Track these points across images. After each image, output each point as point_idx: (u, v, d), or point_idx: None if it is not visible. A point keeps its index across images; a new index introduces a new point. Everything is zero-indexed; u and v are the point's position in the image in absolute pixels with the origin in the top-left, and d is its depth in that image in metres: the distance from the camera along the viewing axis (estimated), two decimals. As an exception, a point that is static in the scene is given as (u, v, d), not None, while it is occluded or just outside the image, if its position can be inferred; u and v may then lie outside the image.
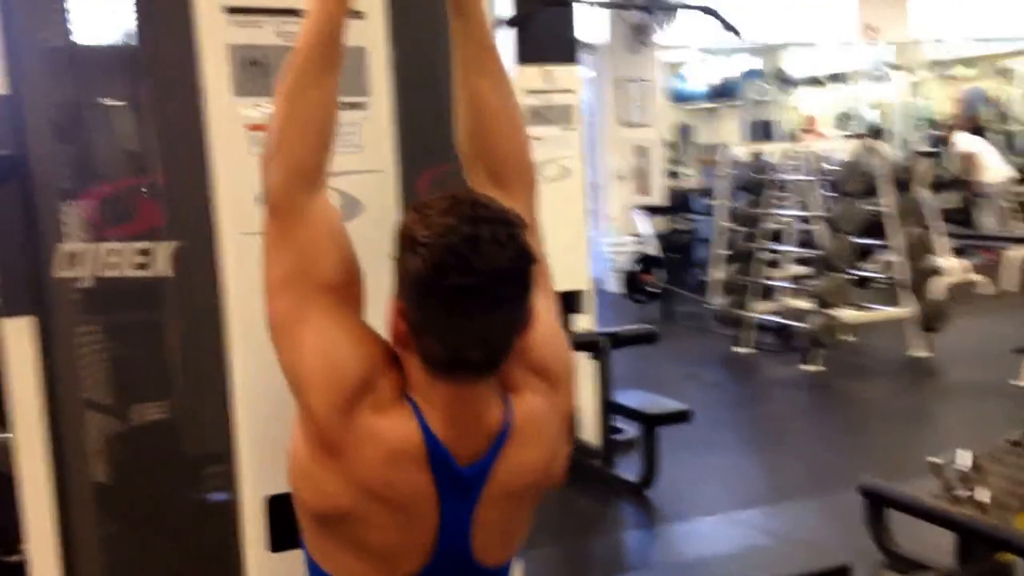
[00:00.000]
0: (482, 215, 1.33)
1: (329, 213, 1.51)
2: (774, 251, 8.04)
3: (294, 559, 1.65)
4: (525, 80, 4.92)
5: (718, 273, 8.31)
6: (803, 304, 7.52)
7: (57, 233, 2.17)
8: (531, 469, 1.46)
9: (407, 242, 1.35)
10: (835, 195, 7.22)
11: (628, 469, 5.03)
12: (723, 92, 13.76)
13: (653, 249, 9.17)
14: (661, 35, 10.30)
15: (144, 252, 2.15)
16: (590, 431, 5.18)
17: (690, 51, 13.09)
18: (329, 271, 1.44)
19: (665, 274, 8.89)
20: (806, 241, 7.74)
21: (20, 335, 2.21)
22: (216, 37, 1.91)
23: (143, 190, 2.19)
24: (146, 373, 2.27)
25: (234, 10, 1.91)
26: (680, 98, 14.03)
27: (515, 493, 1.46)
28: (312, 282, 1.42)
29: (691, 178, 12.18)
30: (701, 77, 14.20)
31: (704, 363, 7.54)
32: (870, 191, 7.08)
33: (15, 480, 2.21)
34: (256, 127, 1.96)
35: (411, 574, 1.43)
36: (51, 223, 2.19)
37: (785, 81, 13.58)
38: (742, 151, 8.54)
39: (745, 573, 3.08)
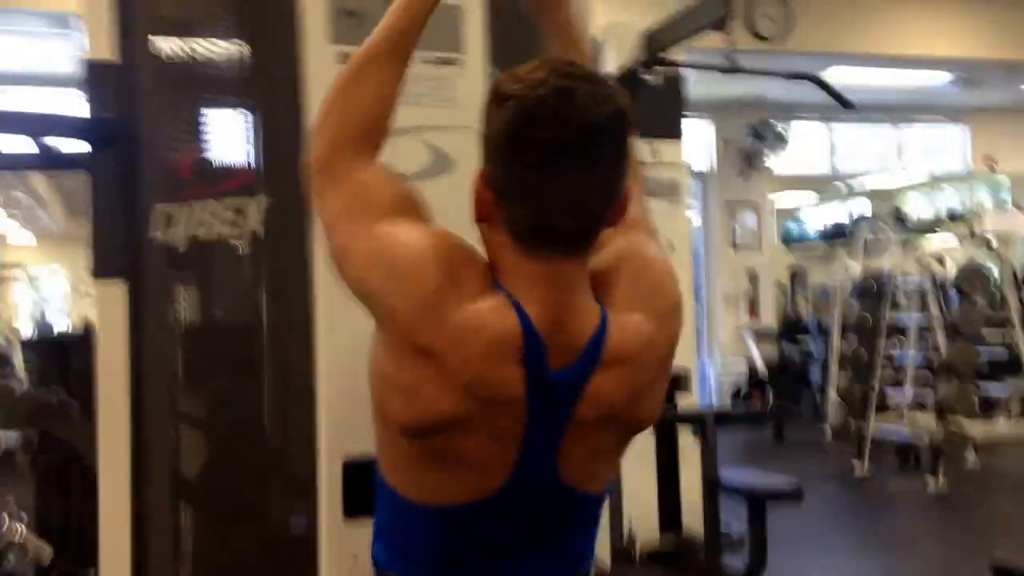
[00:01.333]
0: (579, 73, 1.25)
1: (386, 167, 1.41)
2: (893, 361, 7.76)
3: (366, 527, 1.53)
4: (631, 154, 4.92)
5: (835, 388, 8.04)
6: (925, 416, 7.18)
7: (155, 195, 2.20)
8: (625, 396, 1.31)
9: (495, 97, 1.26)
10: (955, 298, 7.01)
11: (736, 563, 4.73)
12: (837, 234, 13.60)
13: (763, 371, 8.94)
14: (772, 160, 10.35)
15: (237, 210, 2.15)
16: (693, 517, 4.91)
17: (804, 194, 13.11)
18: (389, 199, 1.34)
19: (774, 396, 8.64)
20: (927, 350, 7.48)
21: (112, 298, 2.22)
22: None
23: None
24: (232, 338, 2.24)
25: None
26: (794, 241, 13.93)
27: (605, 420, 1.32)
28: (372, 209, 1.32)
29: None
30: (815, 220, 14.13)
31: (820, 479, 7.16)
32: (991, 293, 6.84)
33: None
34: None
35: (492, 493, 1.30)
36: (150, 185, 2.23)
37: (901, 222, 13.38)
38: (858, 263, 8.39)
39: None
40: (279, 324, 2.05)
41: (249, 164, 2.13)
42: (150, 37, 2.23)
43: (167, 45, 2.25)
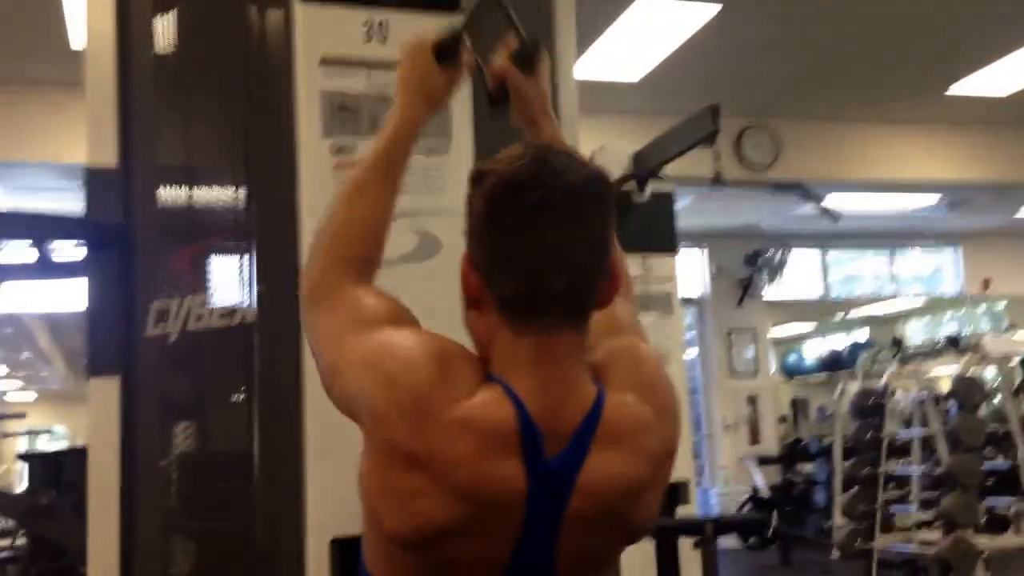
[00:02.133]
0: (555, 149, 1.29)
1: (376, 288, 1.39)
2: (897, 476, 7.70)
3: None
4: (622, 269, 5.02)
5: (839, 509, 7.93)
6: (932, 533, 7.06)
7: (151, 292, 2.26)
8: (621, 483, 1.24)
9: (475, 179, 1.26)
10: (954, 409, 6.99)
11: None
12: (835, 363, 13.61)
13: (765, 494, 8.83)
14: (768, 289, 10.46)
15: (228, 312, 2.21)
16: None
17: (801, 324, 13.19)
18: (382, 313, 1.31)
19: (778, 520, 8.49)
20: (930, 465, 7.42)
21: (105, 393, 2.26)
22: (312, 86, 2.06)
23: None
24: (223, 427, 2.26)
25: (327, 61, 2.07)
26: (793, 371, 13.93)
27: (601, 514, 1.25)
28: (365, 323, 1.30)
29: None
30: (813, 350, 14.17)
31: (830, 605, 6.99)
32: (990, 404, 6.82)
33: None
34: (340, 165, 2.08)
35: None
36: (146, 283, 2.28)
37: (900, 349, 13.42)
38: (856, 384, 8.39)
39: None
40: (267, 411, 2.08)
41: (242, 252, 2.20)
42: (148, 144, 2.33)
43: (163, 149, 2.35)
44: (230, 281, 2.23)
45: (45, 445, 10.60)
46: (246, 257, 2.19)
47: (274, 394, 2.07)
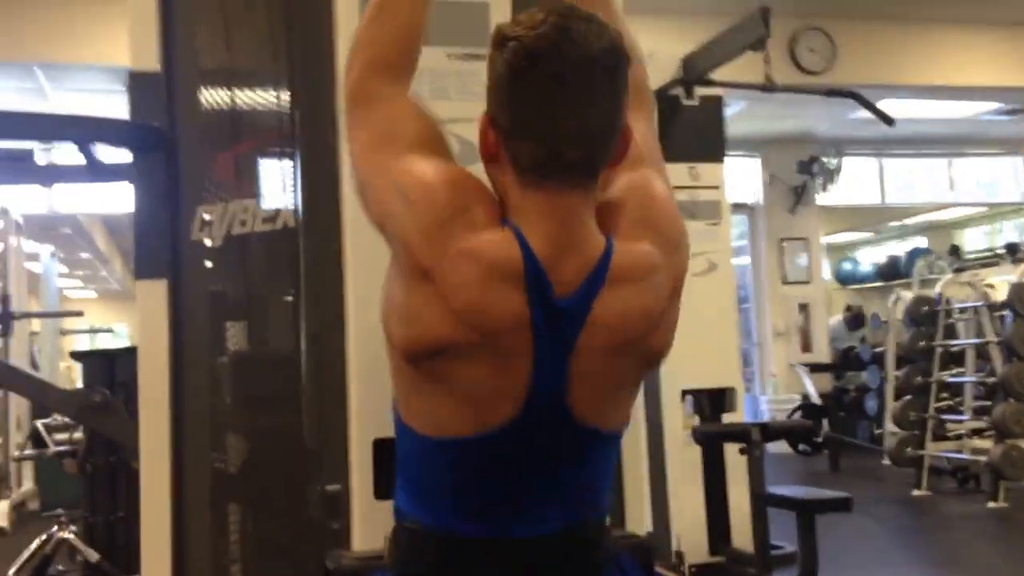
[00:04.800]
0: (576, 14, 1.32)
1: (414, 100, 1.47)
2: (949, 385, 7.66)
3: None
4: (670, 177, 4.94)
5: (891, 417, 7.94)
6: (983, 442, 7.06)
7: (196, 197, 2.28)
8: (634, 319, 1.33)
9: (497, 42, 1.33)
10: (1010, 318, 6.91)
11: (787, 577, 4.66)
12: (891, 272, 13.43)
13: (816, 402, 8.83)
14: (822, 196, 10.31)
15: (271, 215, 2.23)
16: (743, 534, 4.86)
17: (856, 231, 13.01)
18: (413, 134, 1.40)
19: (828, 425, 8.51)
20: (983, 372, 7.38)
21: (155, 297, 2.29)
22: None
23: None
24: (268, 331, 2.30)
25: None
26: (848, 279, 13.77)
27: (615, 349, 1.34)
28: (396, 143, 1.38)
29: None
30: (869, 257, 13.98)
31: (877, 504, 7.00)
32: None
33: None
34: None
35: (503, 423, 1.32)
36: (191, 188, 2.30)
37: (957, 257, 13.18)
38: (911, 292, 8.31)
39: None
40: (312, 315, 2.10)
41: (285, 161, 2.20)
42: (190, 47, 2.33)
43: (206, 52, 2.34)
44: (273, 185, 2.25)
45: (106, 344, 10.85)
46: (289, 161, 2.19)
47: (318, 299, 2.09)
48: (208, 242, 2.26)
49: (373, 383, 1.91)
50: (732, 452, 4.86)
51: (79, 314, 9.47)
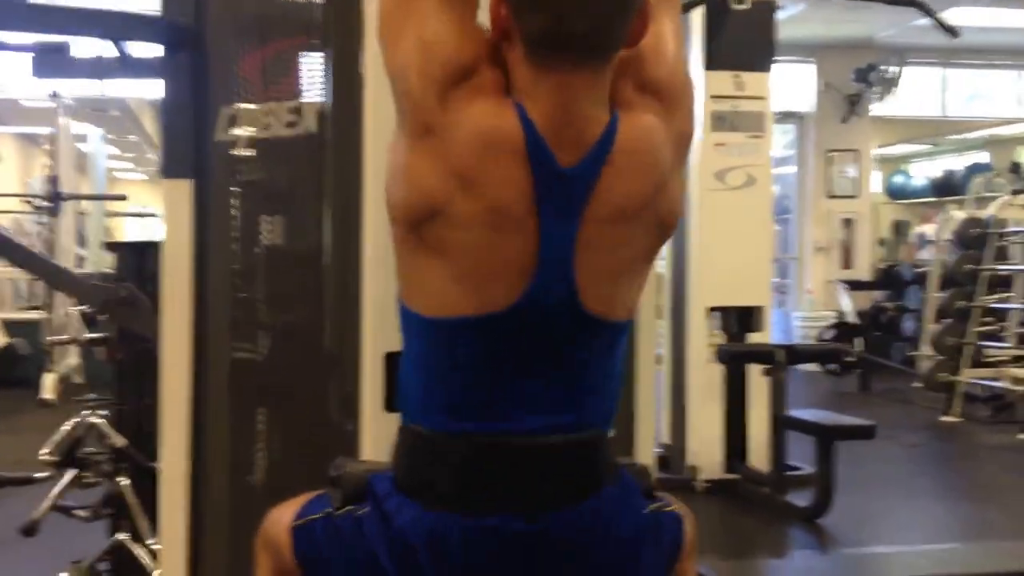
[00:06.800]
0: None
1: None
2: (993, 310, 7.53)
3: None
4: (714, 86, 4.88)
5: (928, 340, 7.85)
6: (1021, 369, 6.98)
7: (222, 97, 2.27)
8: (640, 189, 1.34)
9: None
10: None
11: (801, 500, 4.70)
12: (945, 187, 13.09)
13: (853, 322, 8.74)
14: (878, 106, 10.04)
15: (295, 111, 2.22)
16: (760, 455, 4.90)
17: (912, 144, 12.65)
18: None
19: (862, 345, 8.44)
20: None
21: (179, 196, 2.31)
22: None
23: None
24: (288, 235, 2.31)
25: None
26: (899, 193, 13.46)
27: (623, 217, 1.33)
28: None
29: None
30: (923, 171, 13.63)
31: (905, 428, 6.95)
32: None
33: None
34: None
35: (509, 305, 1.30)
36: (217, 87, 2.29)
37: (1018, 175, 12.81)
38: (963, 212, 8.13)
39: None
40: (330, 222, 2.11)
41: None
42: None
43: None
44: (300, 86, 2.24)
45: (153, 226, 10.97)
46: (317, 62, 2.18)
47: (340, 204, 2.09)
48: (233, 142, 2.26)
49: (388, 294, 1.93)
50: (755, 371, 4.88)
51: (122, 198, 9.58)
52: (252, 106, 2.24)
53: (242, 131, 2.25)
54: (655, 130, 1.36)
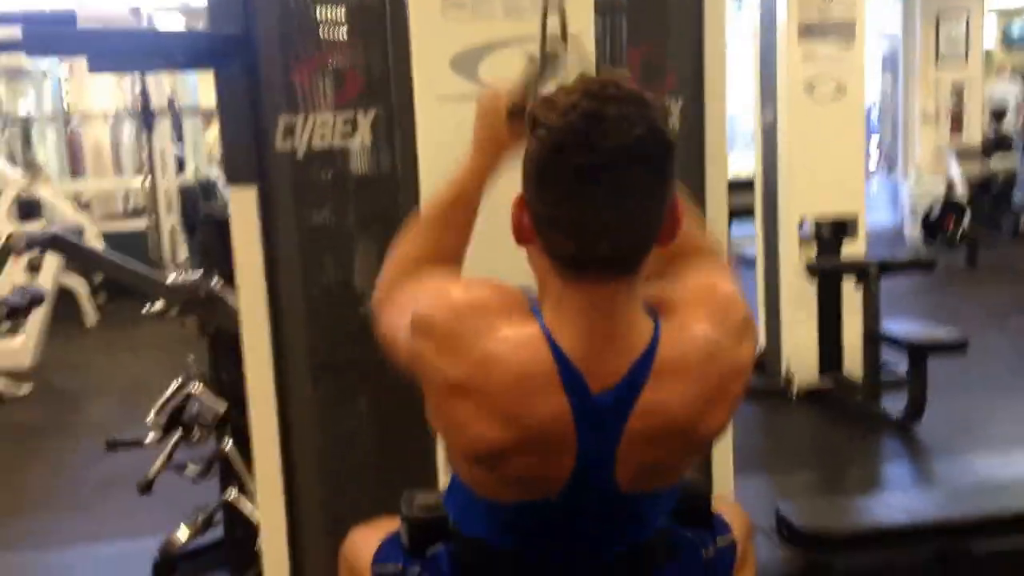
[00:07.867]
0: (611, 94, 1.23)
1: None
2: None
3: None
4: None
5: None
6: None
7: (277, 106, 2.32)
8: (683, 408, 1.31)
9: (531, 126, 1.28)
10: None
11: (894, 407, 4.67)
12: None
13: (960, 192, 8.43)
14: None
15: (349, 121, 2.26)
16: (854, 362, 4.89)
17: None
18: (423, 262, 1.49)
19: (971, 219, 8.13)
20: None
21: (246, 203, 2.38)
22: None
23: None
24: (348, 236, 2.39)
25: None
26: (1016, 42, 12.60)
27: (661, 436, 1.32)
28: (406, 279, 1.46)
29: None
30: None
31: (1012, 310, 6.69)
32: None
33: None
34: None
35: (554, 493, 1.35)
36: (272, 97, 2.33)
37: None
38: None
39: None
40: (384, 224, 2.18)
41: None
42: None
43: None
44: (352, 98, 2.27)
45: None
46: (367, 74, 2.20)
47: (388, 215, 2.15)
48: (292, 152, 2.32)
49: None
50: (849, 281, 4.83)
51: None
52: (308, 115, 2.29)
53: (300, 140, 2.30)
54: (704, 343, 1.32)
